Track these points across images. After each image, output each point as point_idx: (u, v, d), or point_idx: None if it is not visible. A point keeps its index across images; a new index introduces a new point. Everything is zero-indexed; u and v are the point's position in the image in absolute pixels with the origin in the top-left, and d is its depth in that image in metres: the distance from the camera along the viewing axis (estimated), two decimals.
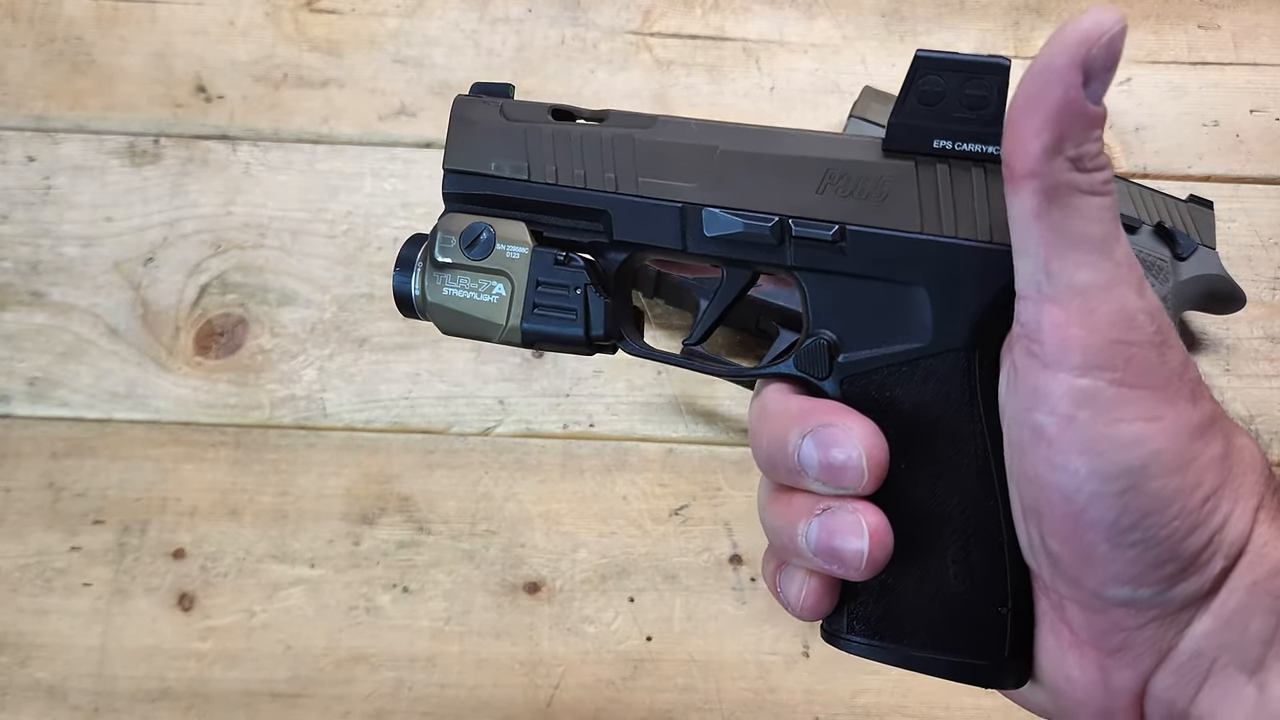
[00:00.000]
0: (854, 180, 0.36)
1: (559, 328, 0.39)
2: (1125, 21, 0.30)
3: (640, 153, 0.38)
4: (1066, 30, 0.29)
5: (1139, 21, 0.88)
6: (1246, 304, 0.73)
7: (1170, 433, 0.30)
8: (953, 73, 0.34)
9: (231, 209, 0.78)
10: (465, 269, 0.39)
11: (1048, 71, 0.29)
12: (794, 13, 0.88)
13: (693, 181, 0.37)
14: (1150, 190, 0.76)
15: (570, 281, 0.39)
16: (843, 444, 0.34)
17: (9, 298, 0.75)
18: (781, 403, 0.37)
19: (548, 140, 0.39)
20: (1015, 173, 0.30)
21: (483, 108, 0.41)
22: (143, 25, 0.84)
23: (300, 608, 0.67)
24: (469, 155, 0.40)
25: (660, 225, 0.38)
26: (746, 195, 0.37)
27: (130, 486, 0.70)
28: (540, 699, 0.65)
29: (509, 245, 0.39)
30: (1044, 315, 0.30)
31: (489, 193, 0.40)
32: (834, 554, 0.34)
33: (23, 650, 0.66)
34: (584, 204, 0.39)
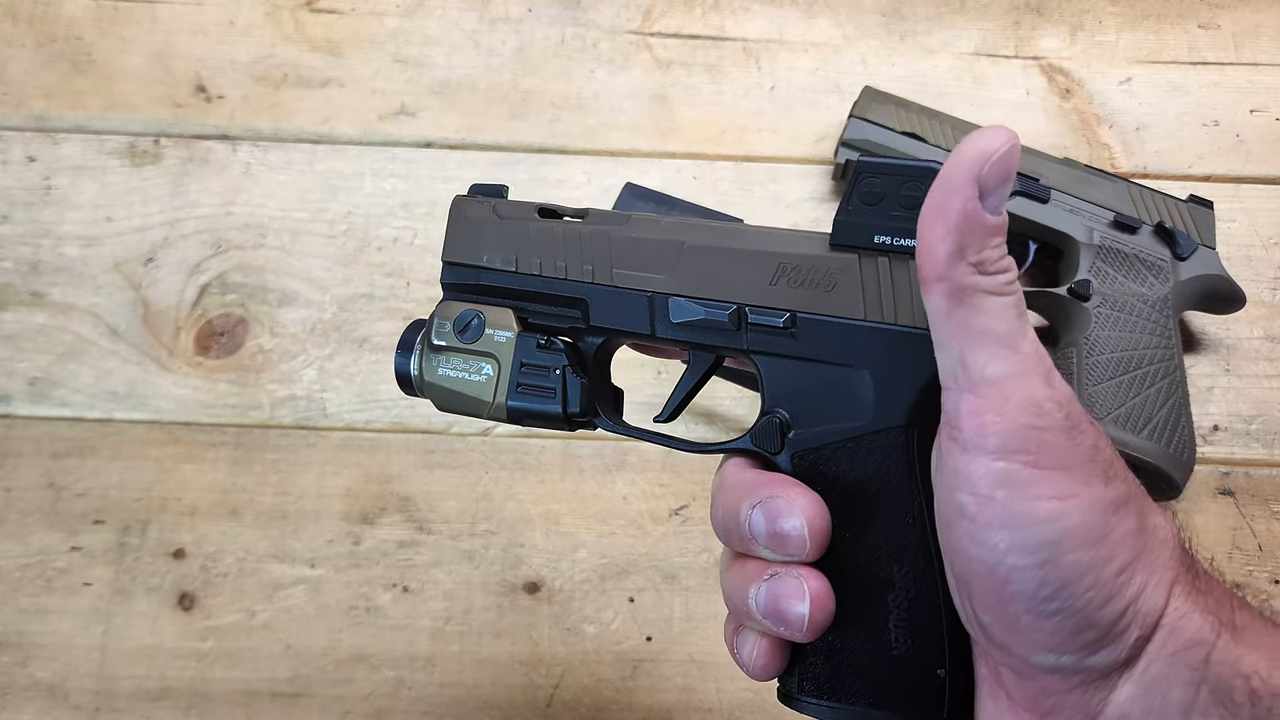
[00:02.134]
0: (804, 271, 0.39)
1: (540, 405, 0.42)
2: (1017, 139, 0.32)
3: (615, 247, 0.42)
4: (965, 147, 0.32)
5: (1139, 21, 0.88)
6: (1246, 304, 0.73)
7: (1083, 509, 0.32)
8: (891, 176, 0.38)
9: (231, 209, 0.78)
10: (458, 351, 0.43)
11: (948, 185, 0.33)
12: (794, 12, 0.87)
13: (661, 273, 0.41)
14: (1150, 190, 0.76)
15: (550, 363, 0.42)
16: (787, 515, 0.37)
17: (10, 298, 0.75)
18: (736, 475, 0.40)
19: (534, 236, 0.43)
20: (925, 277, 0.34)
21: (478, 206, 0.44)
22: (143, 25, 0.84)
23: (300, 607, 0.67)
24: (464, 249, 0.44)
25: (632, 312, 0.42)
26: (708, 285, 0.41)
27: (131, 486, 0.70)
28: (540, 699, 0.65)
29: (497, 330, 0.43)
30: (962, 403, 0.33)
31: (481, 283, 0.44)
32: (779, 616, 0.37)
33: (23, 650, 0.66)
34: (565, 293, 0.42)
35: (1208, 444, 0.73)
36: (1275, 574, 0.70)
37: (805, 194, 0.81)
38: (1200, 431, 0.73)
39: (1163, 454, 0.65)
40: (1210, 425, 0.74)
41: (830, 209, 0.81)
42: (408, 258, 0.77)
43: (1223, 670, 0.33)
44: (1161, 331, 0.70)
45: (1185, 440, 0.67)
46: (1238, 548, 0.70)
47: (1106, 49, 0.87)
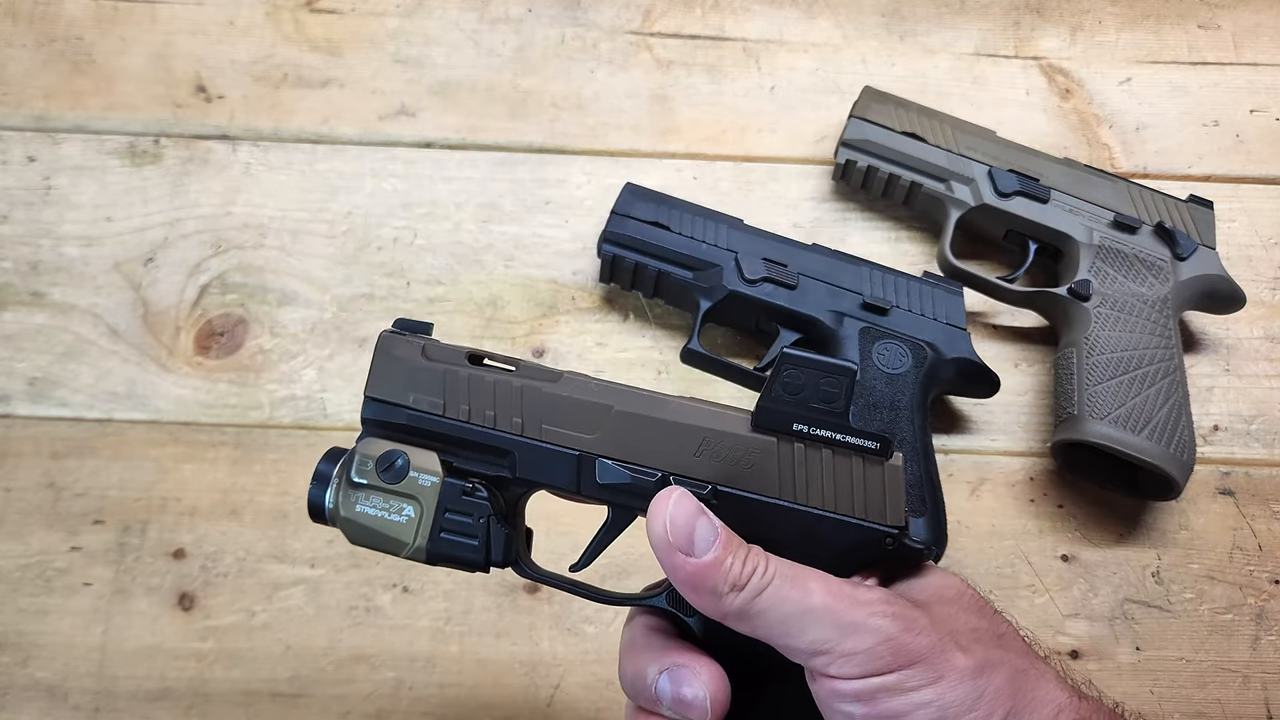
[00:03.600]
0: (726, 448, 0.42)
1: (461, 552, 0.43)
2: (675, 497, 0.39)
3: (546, 403, 0.43)
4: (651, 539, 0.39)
5: (1139, 21, 0.88)
6: (1246, 304, 0.73)
7: (954, 684, 0.37)
8: (811, 369, 0.41)
9: (231, 209, 0.78)
10: (378, 490, 0.43)
11: (669, 568, 0.39)
12: (794, 12, 0.88)
13: (589, 433, 0.43)
14: (1150, 190, 0.76)
15: (475, 511, 0.43)
16: (692, 684, 0.40)
17: (9, 298, 0.75)
18: (645, 638, 0.43)
19: (464, 382, 0.44)
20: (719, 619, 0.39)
21: (406, 345, 0.45)
22: (143, 25, 0.84)
23: (300, 607, 0.67)
24: (390, 387, 0.44)
25: (558, 468, 0.43)
26: (635, 451, 0.43)
27: (130, 486, 0.70)
28: (540, 699, 0.65)
29: (421, 473, 0.43)
30: (814, 664, 0.38)
31: (405, 423, 0.44)
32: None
33: (23, 650, 0.66)
34: (491, 443, 0.43)
35: (1208, 444, 0.73)
36: (1275, 574, 0.70)
37: (805, 194, 0.81)
38: (1200, 431, 0.73)
39: (1163, 454, 0.65)
40: (1210, 425, 0.74)
41: (830, 209, 0.81)
42: (408, 258, 0.77)
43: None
44: (1161, 331, 0.70)
45: (1185, 440, 0.67)
46: (1238, 548, 0.70)
47: (1106, 49, 0.87)
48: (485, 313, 0.76)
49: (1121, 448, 0.65)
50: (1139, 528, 0.71)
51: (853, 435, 0.42)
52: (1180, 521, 0.71)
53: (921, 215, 0.80)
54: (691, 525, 0.39)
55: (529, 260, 0.78)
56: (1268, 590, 0.69)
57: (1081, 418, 0.67)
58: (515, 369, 0.44)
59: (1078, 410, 0.67)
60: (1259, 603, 0.69)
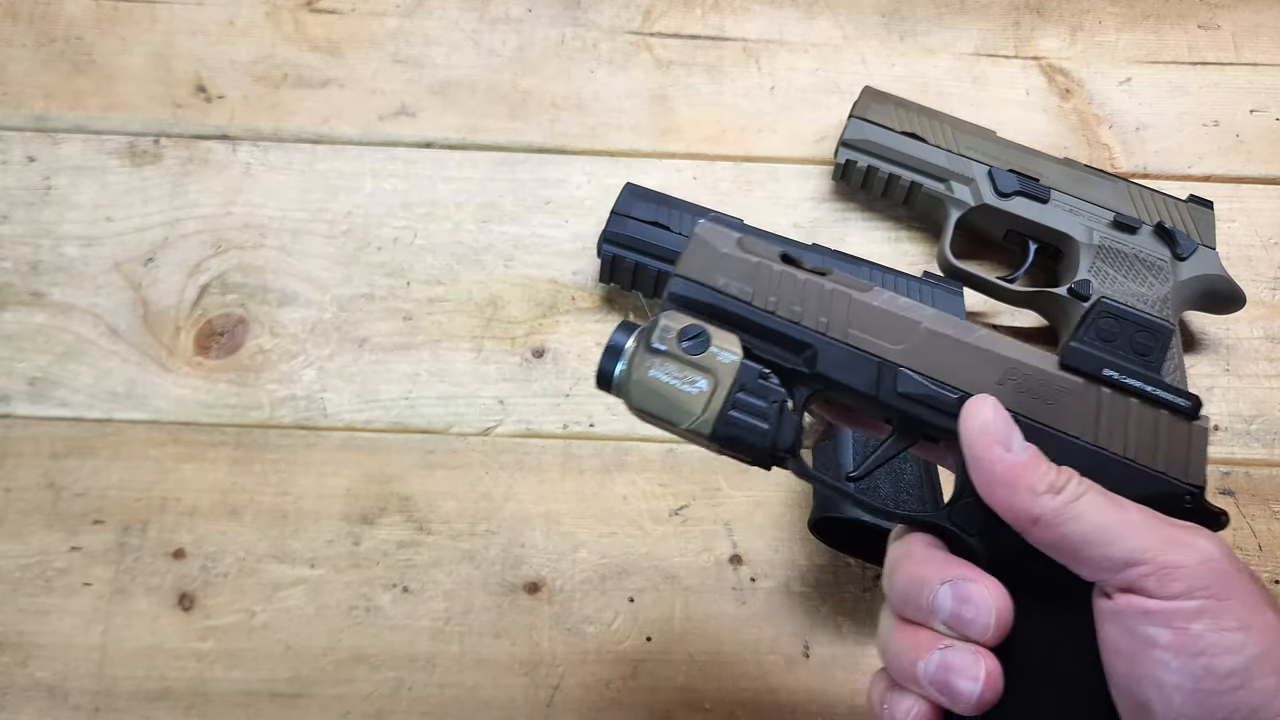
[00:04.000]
0: (1031, 381, 0.42)
1: (749, 432, 0.43)
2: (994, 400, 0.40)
3: (854, 309, 0.44)
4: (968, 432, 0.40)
5: (1139, 21, 0.88)
6: (1246, 304, 0.73)
7: (1262, 637, 0.35)
8: (1128, 321, 0.42)
9: (231, 209, 0.78)
10: (676, 359, 0.43)
11: (982, 460, 0.39)
12: (794, 12, 0.88)
13: (896, 344, 0.43)
14: (1150, 190, 0.77)
15: (769, 396, 0.43)
16: (976, 601, 0.39)
17: (9, 298, 0.75)
18: (926, 552, 0.42)
19: (775, 276, 0.45)
20: (1022, 526, 0.38)
21: (722, 234, 0.46)
22: (142, 25, 0.84)
23: (300, 608, 0.67)
24: (701, 268, 0.45)
25: (859, 371, 0.43)
26: (938, 369, 0.43)
27: (130, 486, 0.70)
28: (540, 699, 0.65)
29: (721, 350, 0.43)
30: (1129, 579, 0.36)
31: (711, 302, 0.44)
32: (948, 688, 0.38)
33: (23, 650, 0.66)
34: (795, 336, 0.44)
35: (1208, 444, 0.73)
36: (1276, 574, 0.70)
37: (805, 194, 0.81)
38: None
39: None
40: (1210, 425, 0.74)
41: (830, 209, 0.81)
42: (408, 257, 0.77)
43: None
44: None
45: None
46: (1238, 548, 0.70)
47: (1106, 49, 0.87)
48: (485, 313, 0.76)
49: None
50: None
51: (1164, 389, 0.41)
52: None
53: (921, 215, 0.80)
54: (1010, 426, 0.39)
55: (529, 260, 0.78)
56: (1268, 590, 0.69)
57: None
58: (828, 274, 0.45)
59: None
60: None
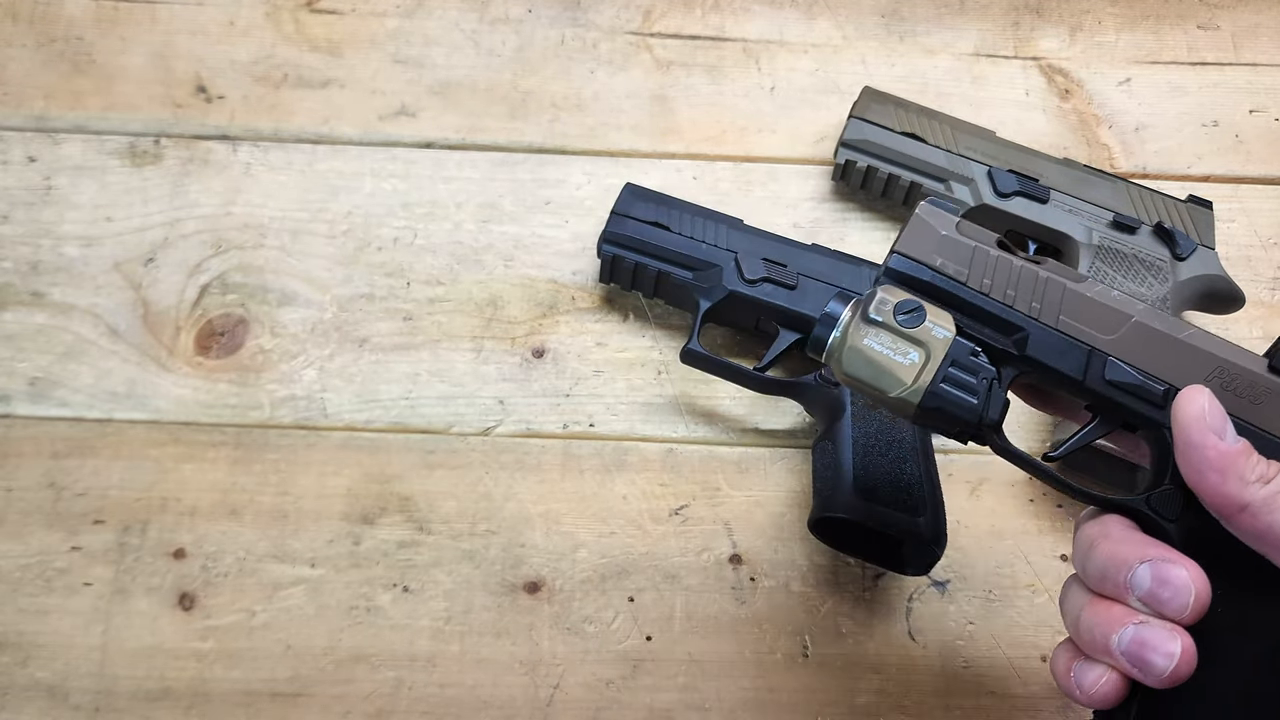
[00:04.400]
0: (1239, 381, 0.43)
1: (956, 406, 0.45)
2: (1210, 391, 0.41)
3: (1067, 297, 0.45)
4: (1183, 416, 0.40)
5: (1138, 21, 0.88)
6: (1246, 304, 0.73)
7: None
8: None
9: (232, 209, 0.78)
10: (891, 330, 0.45)
11: (1194, 446, 0.40)
12: (794, 13, 0.88)
13: (1107, 334, 0.45)
14: (1149, 190, 0.77)
15: (979, 372, 0.45)
16: (1175, 582, 0.39)
17: (9, 298, 0.75)
18: (1125, 531, 0.43)
19: (991, 260, 0.46)
20: (1228, 513, 0.39)
21: (942, 216, 0.48)
22: (143, 25, 0.84)
23: (301, 607, 0.67)
24: (920, 247, 0.47)
25: (1068, 356, 0.45)
26: (1146, 360, 0.44)
27: (131, 486, 0.70)
28: (540, 698, 0.65)
29: (936, 325, 0.45)
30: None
31: (927, 280, 0.46)
32: (1142, 661, 0.39)
33: (23, 650, 0.66)
34: (1007, 318, 0.45)
35: None
36: None
37: (805, 194, 0.81)
38: None
39: None
40: None
41: (829, 209, 0.81)
42: (408, 258, 0.77)
43: None
44: None
45: None
46: None
47: (1106, 49, 0.87)
48: (485, 313, 0.76)
49: (1120, 447, 0.65)
50: None
51: None
52: None
53: None
54: (1225, 417, 0.40)
55: (529, 260, 0.78)
56: None
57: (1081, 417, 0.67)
58: (1042, 264, 0.46)
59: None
60: None
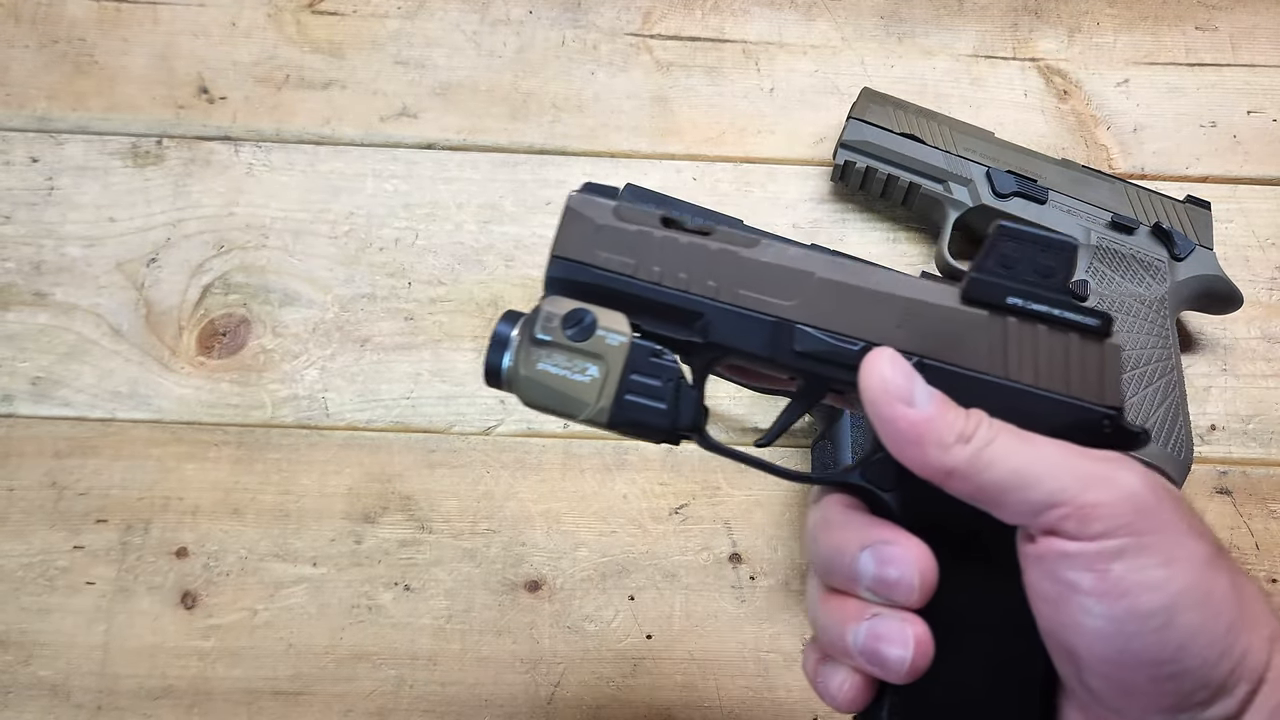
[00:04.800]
0: (933, 320, 0.40)
1: (647, 415, 0.41)
2: (891, 350, 0.37)
3: (743, 268, 0.41)
4: (868, 391, 0.37)
5: (1136, 22, 0.89)
6: (1244, 304, 0.74)
7: (1187, 570, 0.33)
8: (1029, 243, 0.39)
9: (234, 209, 0.79)
10: (563, 348, 0.41)
11: (886, 419, 0.36)
12: (793, 14, 0.88)
13: (788, 300, 0.41)
14: (1148, 191, 0.77)
15: (664, 374, 0.41)
16: (899, 563, 0.37)
17: (12, 298, 0.75)
18: (843, 513, 0.40)
19: (656, 244, 0.42)
20: (939, 480, 0.36)
21: (597, 205, 0.43)
22: (145, 26, 0.85)
23: (302, 606, 0.67)
24: (579, 245, 0.42)
25: (753, 334, 0.41)
26: (836, 319, 0.40)
27: (133, 486, 0.70)
28: (541, 696, 0.66)
29: (609, 332, 0.41)
30: (1049, 520, 0.34)
31: (593, 282, 0.42)
32: (878, 657, 0.37)
33: (26, 649, 0.66)
34: (684, 305, 0.41)
35: (1205, 444, 0.74)
36: (1273, 573, 0.70)
37: (804, 195, 0.81)
38: (1198, 431, 0.74)
39: (1160, 454, 0.66)
40: (1208, 425, 0.74)
41: (828, 210, 0.81)
42: (409, 258, 0.78)
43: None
44: (1159, 332, 0.71)
45: (1183, 440, 0.67)
46: (1235, 547, 0.71)
47: (1104, 50, 0.88)
48: (486, 313, 0.76)
49: None
50: None
51: (1072, 310, 0.39)
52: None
53: (920, 216, 0.80)
54: (910, 380, 0.36)
55: (530, 260, 0.78)
56: (1265, 589, 0.69)
57: None
58: (711, 233, 0.43)
59: None
60: None
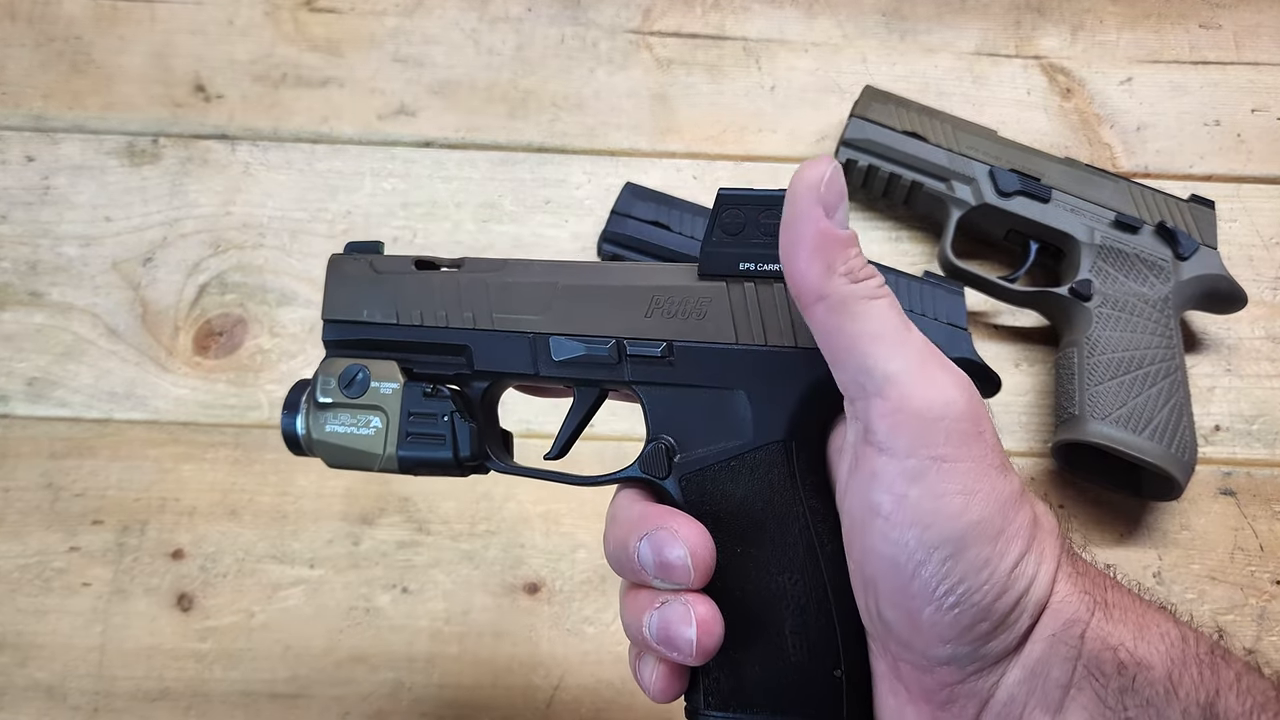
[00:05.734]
0: (676, 302, 0.41)
1: (430, 452, 0.43)
2: (838, 162, 0.36)
3: (493, 293, 0.43)
4: (796, 180, 0.36)
5: (1140, 21, 0.88)
6: (1248, 304, 0.73)
7: (984, 503, 0.34)
8: (750, 206, 0.40)
9: (231, 209, 0.78)
10: (344, 407, 0.44)
11: (797, 216, 0.36)
12: (794, 12, 0.87)
13: (539, 314, 0.42)
14: (1151, 190, 0.76)
15: (438, 410, 0.44)
16: (672, 545, 0.38)
17: (8, 298, 0.75)
18: (625, 509, 0.41)
19: (412, 288, 0.44)
20: (805, 301, 0.36)
21: (354, 263, 0.45)
22: (142, 24, 0.84)
23: (299, 608, 0.67)
24: (344, 306, 0.44)
25: (514, 354, 0.43)
26: (586, 322, 0.42)
27: (129, 486, 0.70)
28: (539, 699, 0.65)
29: (382, 382, 0.44)
30: (871, 408, 0.35)
31: (363, 337, 0.44)
32: (670, 642, 0.38)
33: (22, 650, 0.66)
34: (446, 340, 0.43)
35: (1209, 444, 0.73)
36: (1277, 574, 0.70)
37: None
38: (1201, 431, 0.73)
39: (1164, 454, 0.65)
40: (1212, 425, 0.74)
41: None
42: None
43: (1095, 645, 0.34)
44: (1163, 331, 0.70)
45: (1186, 440, 0.66)
46: (1239, 548, 0.70)
47: (1107, 48, 0.87)
48: None
49: (1123, 448, 0.65)
50: (1140, 528, 0.71)
51: None
52: (1181, 522, 0.71)
53: (922, 215, 0.80)
54: (841, 200, 0.36)
55: None
56: (1269, 591, 0.69)
57: (1083, 418, 0.67)
58: (460, 266, 0.44)
59: (1079, 410, 0.67)
60: (1260, 603, 0.69)
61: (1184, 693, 0.33)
